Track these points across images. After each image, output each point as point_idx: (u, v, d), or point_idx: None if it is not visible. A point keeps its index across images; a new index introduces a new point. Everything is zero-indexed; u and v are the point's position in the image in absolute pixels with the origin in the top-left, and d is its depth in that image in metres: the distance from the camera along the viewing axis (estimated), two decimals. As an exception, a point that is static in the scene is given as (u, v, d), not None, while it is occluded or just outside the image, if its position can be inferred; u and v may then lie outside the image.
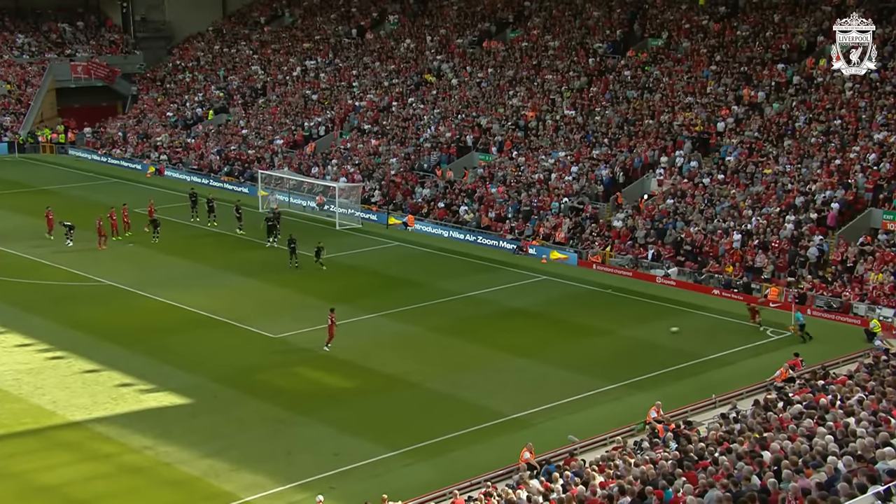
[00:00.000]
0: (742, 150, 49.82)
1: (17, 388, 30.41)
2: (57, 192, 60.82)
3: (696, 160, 50.70)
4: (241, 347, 34.77)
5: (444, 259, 48.22)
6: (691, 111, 54.10)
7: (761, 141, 49.89)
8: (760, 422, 22.63)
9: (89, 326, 36.45)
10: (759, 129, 50.63)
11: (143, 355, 33.59)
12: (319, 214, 57.11)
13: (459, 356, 34.35)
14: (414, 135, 62.56)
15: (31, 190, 62.47)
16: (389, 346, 35.12)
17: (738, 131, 51.36)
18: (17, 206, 55.78)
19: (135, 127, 76.39)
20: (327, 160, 62.97)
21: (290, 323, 37.32)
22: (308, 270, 45.15)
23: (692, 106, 54.48)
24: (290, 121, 69.97)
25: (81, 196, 60.18)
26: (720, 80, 55.47)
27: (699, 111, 53.79)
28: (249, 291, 41.63)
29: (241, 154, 66.93)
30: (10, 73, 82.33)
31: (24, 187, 63.04)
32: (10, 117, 78.48)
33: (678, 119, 53.85)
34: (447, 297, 41.29)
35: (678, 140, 52.42)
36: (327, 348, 34.02)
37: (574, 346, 35.63)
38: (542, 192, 52.45)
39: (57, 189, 61.86)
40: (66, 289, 41.43)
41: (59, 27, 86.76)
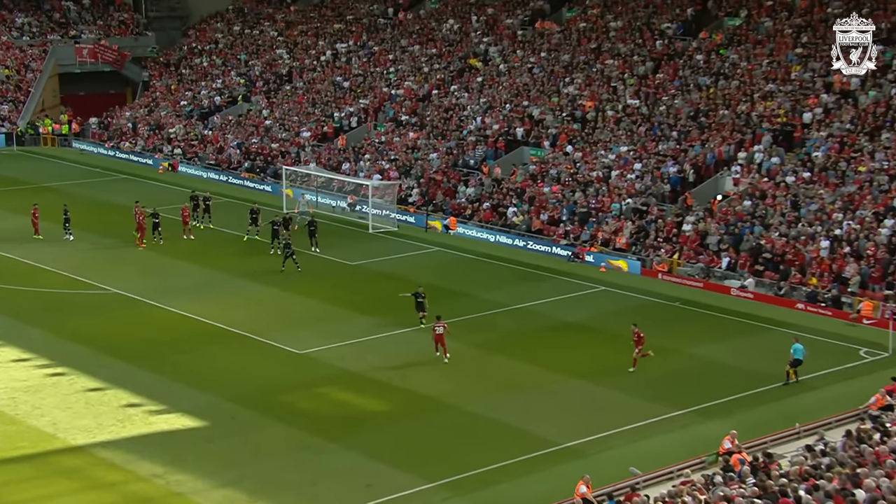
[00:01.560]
0: (832, 144, 49.27)
1: (13, 409, 30.89)
2: (59, 189, 61.76)
3: (779, 156, 50.23)
4: (261, 364, 35.03)
5: (490, 266, 48.20)
6: (773, 100, 53.61)
7: (854, 134, 49.30)
8: (853, 456, 22.32)
9: (93, 339, 36.95)
10: (851, 120, 50.04)
11: (152, 372, 33.98)
12: (350, 216, 57.42)
13: (505, 376, 34.30)
14: (457, 127, 62.68)
15: (29, 187, 63.50)
16: (427, 364, 35.15)
17: (826, 123, 50.80)
18: (14, 206, 56.72)
19: (146, 117, 77.40)
20: (360, 155, 63.30)
21: (315, 337, 37.53)
22: (336, 278, 45.38)
23: (774, 94, 53.99)
24: (318, 111, 70.48)
25: (86, 194, 61.08)
26: (807, 64, 54.93)
27: (782, 100, 53.30)
28: (269, 301, 41.95)
29: (263, 148, 67.53)
30: (9, 57, 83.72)
31: (23, 184, 64.13)
32: (8, 106, 79.82)
33: (758, 109, 53.40)
34: (492, 310, 41.27)
35: (757, 133, 51.98)
36: (447, 359, 34.55)
37: (638, 366, 35.38)
38: (601, 191, 52.28)
39: (59, 186, 62.81)
40: (67, 297, 42.05)
41: (63, 5, 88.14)
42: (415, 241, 52.53)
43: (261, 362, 35.19)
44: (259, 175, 65.02)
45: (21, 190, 62.61)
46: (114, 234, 50.95)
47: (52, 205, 54.98)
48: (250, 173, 65.56)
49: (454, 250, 50.83)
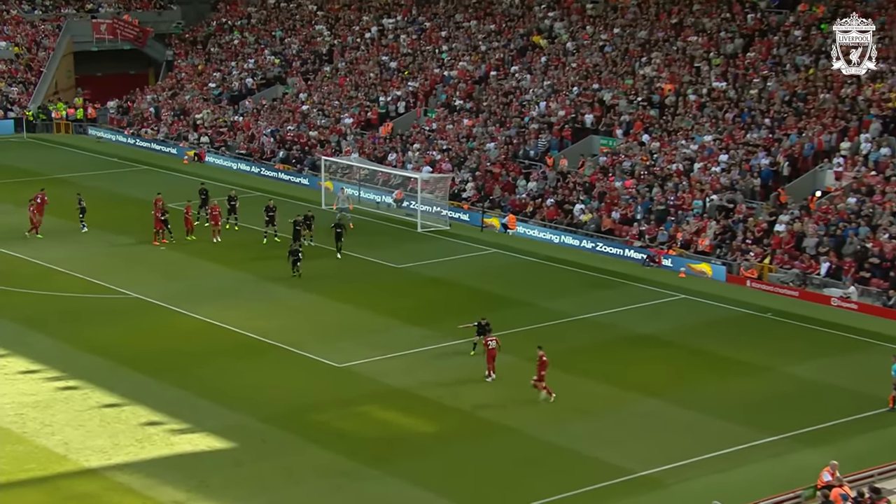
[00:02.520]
0: (950, 133, 48.50)
1: (21, 426, 31.29)
2: (72, 181, 62.57)
3: (889, 146, 49.50)
4: (296, 379, 35.17)
5: (554, 271, 48.01)
6: (883, 82, 52.83)
7: (977, 121, 48.48)
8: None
9: (109, 349, 37.35)
10: (973, 105, 49.22)
11: (174, 387, 34.26)
12: (397, 213, 57.54)
13: (572, 395, 34.12)
14: (518, 113, 62.58)
15: (40, 179, 64.32)
16: (482, 381, 35.10)
17: (944, 109, 50.03)
18: (23, 200, 57.43)
19: (170, 101, 78.24)
20: (408, 145, 63.43)
21: (356, 348, 37.63)
22: (380, 282, 45.48)
23: (884, 75, 53.19)
24: (361, 95, 70.76)
25: (102, 187, 61.86)
26: (922, 40, 54.11)
27: (894, 82, 52.48)
28: (306, 308, 42.13)
29: (299, 136, 67.93)
30: (19, 33, 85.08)
31: (33, 175, 65.05)
32: (18, 88, 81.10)
33: (865, 93, 52.65)
34: (556, 320, 41.13)
35: (864, 120, 51.26)
36: (491, 378, 34.54)
37: (721, 385, 35.06)
38: (682, 187, 51.91)
39: (72, 178, 63.65)
40: (81, 302, 42.56)
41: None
42: (469, 241, 52.48)
43: (295, 377, 35.34)
44: (295, 166, 65.41)
45: (30, 182, 63.38)
46: (132, 232, 51.49)
47: (65, 198, 55.70)
48: (285, 164, 65.97)
49: (513, 252, 50.70)
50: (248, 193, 58.99)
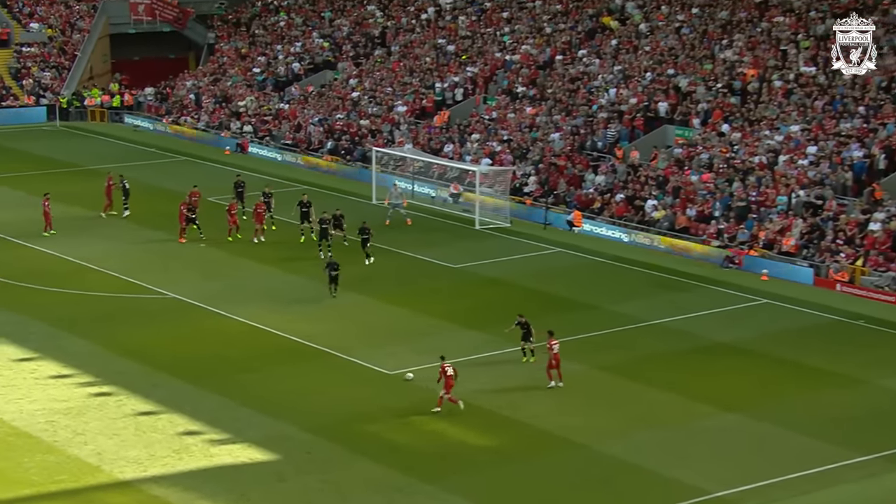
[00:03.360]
0: None
1: (52, 434, 31.73)
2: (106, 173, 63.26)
3: None
4: (344, 387, 35.35)
5: (623, 272, 47.88)
6: None
7: None
8: None
9: (145, 353, 37.77)
10: None
11: (214, 394, 34.58)
12: (453, 208, 57.62)
13: (642, 407, 34.03)
14: (585, 101, 62.41)
15: (74, 170, 65.36)
16: (545, 391, 35.09)
17: None
18: (58, 193, 57.99)
19: (211, 87, 78.92)
20: (465, 135, 63.48)
21: (408, 354, 37.75)
22: (435, 283, 45.56)
23: None
24: (416, 81, 70.94)
25: (139, 179, 62.22)
26: None
27: None
28: (355, 311, 42.32)
29: (349, 125, 68.24)
30: (52, 14, 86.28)
31: (66, 166, 66.01)
32: (51, 73, 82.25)
33: (966, 79, 51.91)
34: (625, 325, 41.00)
35: (966, 109, 50.54)
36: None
37: (807, 398, 34.77)
38: (765, 181, 51.50)
39: (107, 169, 64.25)
40: (117, 302, 43.08)
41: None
42: (531, 239, 52.43)
43: (343, 384, 35.52)
44: (344, 158, 65.71)
45: (63, 174, 64.41)
46: (170, 228, 51.89)
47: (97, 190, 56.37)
48: (334, 156, 66.30)
49: (579, 252, 50.58)
50: (294, 187, 59.34)
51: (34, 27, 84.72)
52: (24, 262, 47.70)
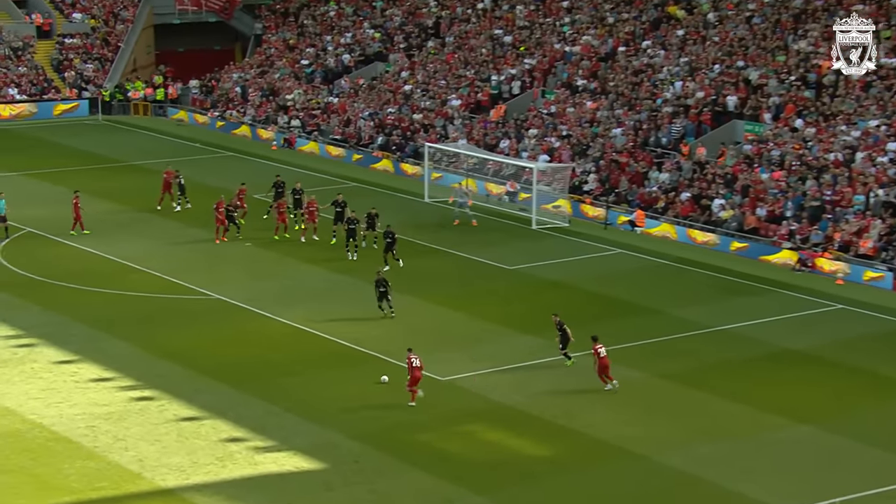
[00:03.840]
0: None
1: (92, 440, 32.16)
2: (149, 168, 63.97)
3: None
4: (394, 394, 35.50)
5: (688, 275, 47.82)
6: None
7: None
8: None
9: (188, 356, 38.18)
10: None
11: (259, 399, 34.90)
12: (509, 207, 57.68)
13: (705, 417, 34.00)
14: (649, 95, 62.21)
15: (117, 165, 66.03)
16: (603, 399, 35.14)
17: None
18: (100, 189, 59.01)
19: (258, 80, 79.44)
20: (522, 130, 63.51)
21: (461, 360, 37.90)
22: (489, 285, 45.64)
23: None
24: (471, 73, 71.01)
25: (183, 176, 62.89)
26: None
27: None
28: (404, 313, 42.48)
29: (401, 119, 68.46)
30: (96, 4, 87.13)
31: (109, 162, 66.71)
32: (93, 65, 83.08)
33: None
34: (689, 331, 40.93)
35: None
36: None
37: (883, 410, 34.58)
38: (841, 180, 51.12)
39: (149, 165, 65.02)
40: (160, 303, 43.58)
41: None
42: (591, 240, 52.42)
43: (393, 391, 35.67)
44: (395, 154, 65.94)
45: (105, 169, 65.11)
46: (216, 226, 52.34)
47: (141, 186, 57.02)
48: (384, 151, 66.56)
49: (641, 253, 50.53)
50: (344, 184, 59.65)
51: (77, 17, 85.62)
52: (64, 260, 48.34)
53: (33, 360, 37.63)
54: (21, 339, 39.45)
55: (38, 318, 41.47)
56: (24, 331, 40.18)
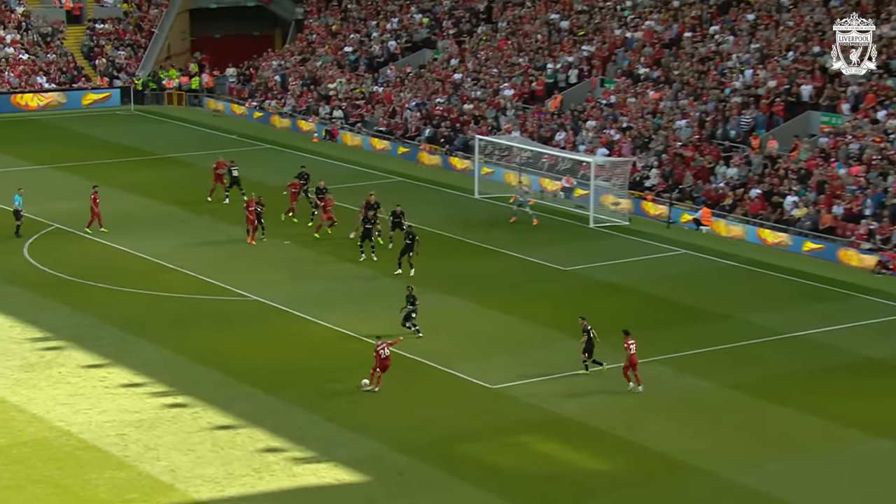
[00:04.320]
0: None
1: (123, 449, 32.29)
2: (183, 161, 64.42)
3: None
4: (441, 402, 35.51)
5: (759, 278, 47.58)
6: None
7: None
8: None
9: (225, 361, 38.32)
10: None
11: (299, 408, 34.95)
12: (564, 204, 57.58)
13: (777, 431, 33.78)
14: (717, 84, 61.87)
15: (150, 158, 66.47)
16: (667, 410, 34.97)
17: None
18: (132, 183, 59.51)
19: (298, 68, 79.73)
20: (580, 122, 63.35)
21: (513, 367, 37.83)
22: (543, 288, 45.56)
23: None
24: (525, 61, 70.92)
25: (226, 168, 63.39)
26: None
27: None
28: (455, 317, 42.50)
29: (450, 110, 68.48)
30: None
31: (142, 154, 67.17)
32: (126, 52, 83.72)
33: None
34: (760, 338, 40.74)
35: None
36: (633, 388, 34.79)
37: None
38: (922, 175, 50.71)
39: (184, 158, 65.49)
40: (195, 304, 43.80)
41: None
42: (653, 239, 52.27)
43: (440, 399, 35.68)
44: (444, 147, 65.96)
45: (137, 162, 65.58)
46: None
47: (174, 180, 57.25)
48: (432, 144, 66.59)
49: (707, 254, 50.32)
50: (388, 179, 59.71)
51: (108, 1, 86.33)
52: (93, 258, 48.68)
53: (61, 363, 37.88)
54: (48, 342, 39.72)
55: (66, 320, 41.77)
56: (52, 333, 40.46)
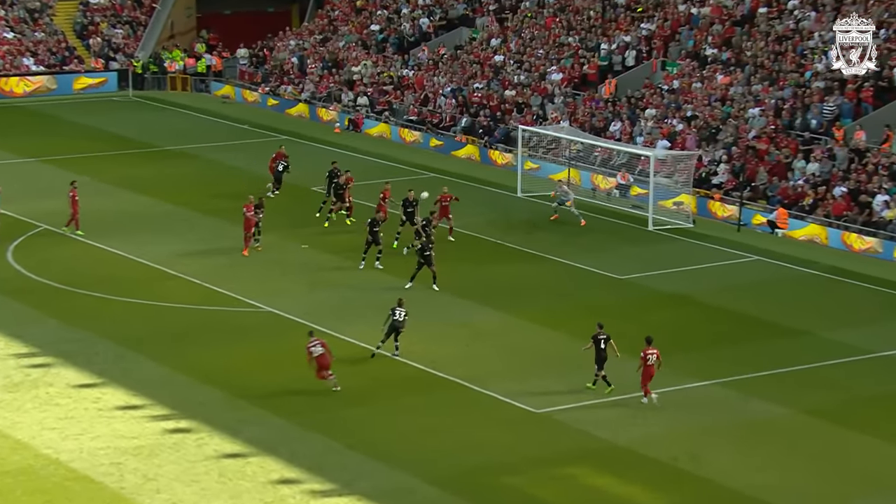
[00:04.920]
0: None
1: (118, 480, 32.32)
2: (189, 153, 64.63)
3: None
4: (479, 427, 35.50)
5: (842, 288, 47.59)
6: None
7: None
8: None
9: (233, 381, 38.40)
10: None
11: (316, 434, 35.01)
12: (619, 203, 57.57)
13: (862, 464, 33.66)
14: (796, 67, 61.68)
15: (150, 150, 66.63)
16: (734, 439, 34.90)
17: None
18: (130, 179, 59.71)
19: (319, 49, 79.87)
20: (638, 110, 63.28)
21: (560, 389, 37.83)
22: (595, 298, 45.55)
23: None
24: (576, 41, 70.87)
25: (227, 163, 63.62)
26: None
27: None
28: (493, 331, 42.53)
29: (490, 97, 68.50)
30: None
31: (141, 146, 67.37)
32: (123, 30, 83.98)
33: None
34: (844, 357, 40.64)
35: None
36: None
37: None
38: None
39: (189, 150, 65.70)
40: (200, 316, 43.97)
41: None
42: (720, 244, 52.26)
43: (477, 424, 35.67)
44: (483, 139, 66.01)
45: (136, 155, 65.76)
46: (271, 225, 52.64)
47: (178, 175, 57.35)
48: (469, 136, 66.65)
49: (783, 261, 50.27)
50: (420, 175, 59.87)
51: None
52: (86, 263, 48.87)
53: (49, 383, 38.05)
54: (35, 359, 39.86)
55: (56, 334, 41.96)
56: (39, 348, 40.64)
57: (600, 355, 37.41)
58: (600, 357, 37.44)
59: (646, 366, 36.38)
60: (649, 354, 36.41)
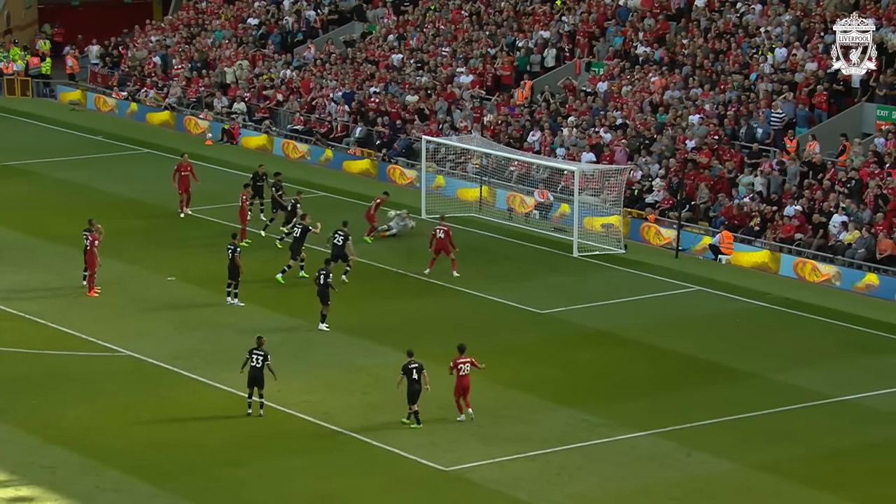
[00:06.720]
0: None
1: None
2: (32, 171, 63.94)
3: None
4: (382, 492, 35.34)
5: (796, 323, 47.90)
6: None
7: None
8: None
9: (88, 439, 37.83)
10: None
11: (188, 502, 34.61)
12: (539, 226, 57.73)
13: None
14: (739, 68, 62.22)
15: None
16: (674, 499, 34.99)
17: None
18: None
19: (185, 46, 79.52)
20: (559, 117, 63.53)
21: (471, 442, 37.82)
22: (509, 336, 45.59)
23: None
24: (486, 37, 71.07)
25: (77, 181, 63.02)
26: None
27: None
28: (395, 376, 42.54)
29: (389, 102, 68.52)
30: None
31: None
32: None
33: None
34: (799, 403, 40.92)
35: None
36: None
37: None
38: None
39: (32, 166, 65.01)
40: (46, 363, 43.30)
41: None
42: (656, 272, 52.62)
43: (381, 488, 35.47)
44: (379, 151, 66.01)
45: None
46: (128, 252, 52.34)
47: (15, 196, 56.69)
48: (364, 147, 66.63)
49: (728, 292, 50.67)
50: (308, 193, 59.81)
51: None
52: None
53: None
54: None
55: None
56: None
57: (413, 387, 38.07)
58: (413, 389, 38.15)
59: (459, 377, 37.37)
60: (461, 364, 37.53)
